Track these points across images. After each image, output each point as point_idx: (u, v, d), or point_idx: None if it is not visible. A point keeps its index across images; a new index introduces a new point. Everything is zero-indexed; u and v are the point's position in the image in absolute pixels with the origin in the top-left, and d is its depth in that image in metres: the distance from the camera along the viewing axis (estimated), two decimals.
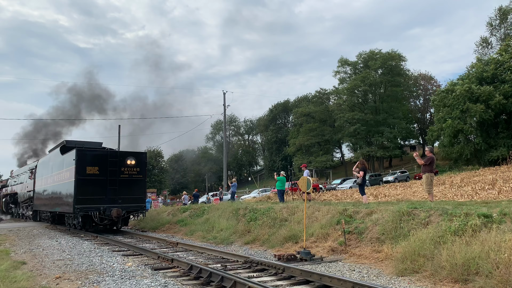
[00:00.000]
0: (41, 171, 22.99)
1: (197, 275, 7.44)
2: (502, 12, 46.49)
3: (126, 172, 16.71)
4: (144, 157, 17.73)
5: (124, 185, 16.56)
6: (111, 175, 16.38)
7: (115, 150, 17.13)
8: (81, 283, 7.08)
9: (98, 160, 16.27)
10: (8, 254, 10.61)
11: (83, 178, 15.84)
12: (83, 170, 15.85)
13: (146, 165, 17.60)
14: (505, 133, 36.00)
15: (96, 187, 16.04)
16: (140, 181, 17.14)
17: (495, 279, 5.93)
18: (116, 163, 16.55)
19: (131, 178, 16.79)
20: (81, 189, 15.74)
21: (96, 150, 17.47)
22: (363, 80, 53.97)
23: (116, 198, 16.31)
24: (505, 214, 7.71)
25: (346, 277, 6.81)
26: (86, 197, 15.76)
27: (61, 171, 18.06)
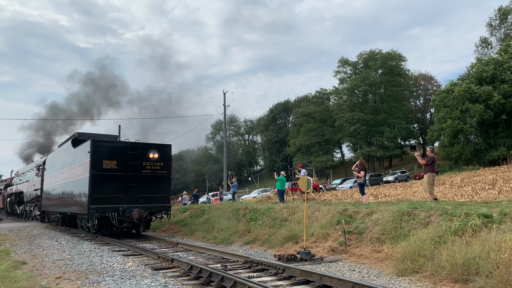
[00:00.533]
0: (50, 168, 21.04)
1: (197, 275, 7.44)
2: (502, 12, 46.49)
3: (148, 167, 14.68)
4: (168, 150, 15.45)
5: (146, 182, 14.59)
6: (132, 171, 14.30)
7: (136, 142, 14.74)
8: (81, 283, 7.08)
9: (116, 153, 14.21)
10: (8, 254, 10.61)
11: (99, 174, 13.78)
12: (99, 164, 13.80)
13: (171, 159, 15.46)
14: (505, 133, 36.00)
15: (114, 184, 14.06)
16: (164, 178, 15.10)
17: (495, 279, 5.93)
18: (137, 157, 14.46)
19: (154, 174, 14.77)
20: (97, 186, 13.74)
21: (114, 142, 15.32)
22: (363, 80, 53.98)
23: (137, 197, 14.32)
24: (505, 214, 7.71)
25: (346, 277, 6.81)
26: (102, 196, 13.77)
27: (73, 167, 16.10)
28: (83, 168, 14.54)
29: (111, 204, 13.89)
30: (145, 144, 15.09)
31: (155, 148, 15.01)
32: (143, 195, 14.46)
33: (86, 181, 13.91)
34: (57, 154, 20.38)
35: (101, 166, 13.86)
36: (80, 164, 14.94)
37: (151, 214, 14.96)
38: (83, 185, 14.37)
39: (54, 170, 19.89)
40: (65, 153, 18.32)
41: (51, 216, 21.05)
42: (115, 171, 14.06)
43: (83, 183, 14.37)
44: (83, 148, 14.84)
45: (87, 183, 13.83)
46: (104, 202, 13.80)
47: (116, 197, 14.03)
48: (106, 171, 13.91)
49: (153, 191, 14.77)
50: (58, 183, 18.64)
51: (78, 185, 15.10)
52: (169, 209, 15.11)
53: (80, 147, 15.31)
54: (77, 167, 15.45)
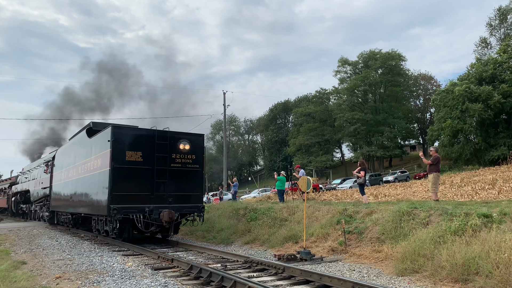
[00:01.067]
0: (60, 163, 18.85)
1: (197, 275, 7.44)
2: (502, 12, 46.52)
3: (178, 160, 12.59)
4: (201, 141, 13.40)
5: (176, 178, 12.49)
6: (159, 164, 12.21)
7: (164, 130, 12.65)
8: (81, 283, 7.08)
9: (141, 142, 12.11)
10: (8, 254, 10.61)
11: (121, 167, 11.64)
12: (121, 155, 11.69)
13: (203, 152, 13.46)
14: (505, 132, 36.02)
15: (139, 179, 11.96)
16: (197, 173, 12.96)
17: (495, 279, 5.94)
18: (165, 148, 12.37)
19: (185, 169, 12.68)
20: (119, 182, 11.58)
21: (138, 129, 13.04)
22: (363, 80, 54.02)
23: (166, 195, 12.27)
24: (505, 214, 7.72)
25: (346, 277, 6.82)
26: (125, 194, 11.63)
27: (88, 160, 13.97)
28: (101, 160, 12.39)
29: (136, 203, 11.72)
30: (175, 133, 12.87)
31: (186, 138, 12.89)
32: (172, 193, 12.38)
33: (106, 176, 11.75)
34: (69, 147, 18.15)
35: (124, 157, 11.70)
36: (98, 156, 12.80)
37: (181, 216, 12.73)
38: (101, 180, 12.28)
39: (65, 165, 17.74)
40: (78, 145, 16.22)
41: (61, 217, 19.07)
42: (140, 164, 11.91)
43: (101, 179, 12.28)
44: (101, 137, 12.73)
45: (106, 178, 11.68)
46: (127, 201, 11.63)
47: (141, 195, 11.92)
48: (129, 164, 11.76)
49: (184, 188, 12.66)
50: (69, 179, 16.55)
51: (94, 181, 13.04)
52: (202, 210, 12.88)
53: (98, 136, 13.23)
54: (93, 160, 13.30)
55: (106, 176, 11.71)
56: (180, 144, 12.63)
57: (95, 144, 13.41)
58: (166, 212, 11.67)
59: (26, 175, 28.10)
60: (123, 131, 12.12)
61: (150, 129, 12.66)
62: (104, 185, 11.92)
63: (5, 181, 38.08)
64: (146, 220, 11.82)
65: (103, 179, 12.07)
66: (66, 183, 16.96)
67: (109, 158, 11.61)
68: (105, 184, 11.81)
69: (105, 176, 11.85)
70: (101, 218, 12.89)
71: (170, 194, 12.33)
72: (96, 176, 12.80)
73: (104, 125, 14.62)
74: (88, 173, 13.73)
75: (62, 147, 20.48)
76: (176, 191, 12.47)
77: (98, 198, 12.51)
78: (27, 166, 30.49)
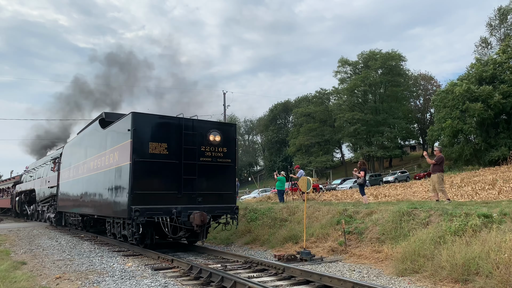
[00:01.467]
0: (68, 159, 17.31)
1: (197, 275, 7.44)
2: (502, 13, 46.54)
3: (208, 154, 11.04)
4: (233, 132, 11.84)
5: (205, 174, 10.96)
6: (187, 158, 10.64)
7: (192, 119, 11.20)
8: (81, 283, 7.08)
9: (166, 132, 10.53)
10: (8, 254, 10.61)
11: (143, 161, 10.04)
12: (143, 147, 10.11)
13: (236, 144, 11.88)
14: (506, 133, 36.03)
15: (165, 176, 10.39)
16: (229, 168, 11.43)
17: (495, 279, 5.94)
18: (194, 139, 10.83)
19: (216, 163, 11.14)
20: (141, 178, 10.00)
21: (162, 117, 11.03)
22: (363, 80, 54.05)
23: (195, 194, 10.69)
24: (505, 214, 7.72)
25: (346, 277, 6.82)
26: (148, 193, 10.08)
27: (102, 154, 12.37)
28: (119, 153, 10.81)
29: (161, 204, 10.13)
30: (204, 122, 11.49)
31: (216, 129, 11.35)
32: (202, 192, 10.82)
33: (125, 172, 10.16)
34: (78, 142, 16.46)
35: (147, 150, 10.13)
36: (115, 149, 11.21)
37: (213, 219, 11.26)
38: (119, 177, 10.68)
39: (73, 161, 16.16)
40: (89, 138, 14.58)
41: (69, 219, 17.53)
42: (166, 158, 10.35)
43: (119, 175, 10.66)
44: (119, 126, 11.16)
45: (126, 174, 10.08)
46: (151, 201, 10.05)
47: (167, 194, 10.35)
48: (153, 158, 10.18)
49: (215, 186, 11.12)
50: (79, 177, 14.97)
51: (110, 178, 11.41)
52: (236, 212, 11.26)
53: (115, 125, 11.65)
54: (109, 153, 11.73)
55: (126, 172, 10.08)
56: (210, 135, 11.05)
57: (111, 136, 11.82)
58: (198, 214, 9.98)
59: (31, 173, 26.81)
60: (146, 119, 10.44)
61: (176, 117, 10.95)
62: (123, 182, 10.34)
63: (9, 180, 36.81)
64: (174, 224, 10.08)
65: (121, 175, 10.46)
66: (76, 181, 15.45)
67: (129, 151, 9.95)
68: (124, 182, 10.22)
69: (124, 172, 10.26)
70: (118, 220, 11.30)
71: (200, 193, 10.74)
72: (113, 172, 11.19)
73: (118, 115, 13.15)
74: (102, 169, 12.18)
75: (70, 142, 18.63)
76: (206, 189, 10.90)
77: (116, 198, 10.87)
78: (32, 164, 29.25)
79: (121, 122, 11.01)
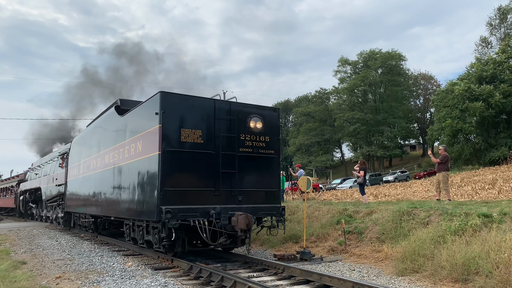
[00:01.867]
0: (77, 154, 15.75)
1: (197, 275, 7.44)
2: (502, 12, 46.53)
3: (248, 144, 9.34)
4: (276, 118, 10.07)
5: (246, 168, 9.21)
6: (225, 148, 8.95)
7: (229, 101, 9.52)
8: (81, 283, 7.08)
9: (201, 117, 8.82)
10: (8, 254, 10.61)
11: (175, 152, 8.34)
12: (174, 134, 8.42)
13: (279, 132, 10.27)
14: (506, 132, 36.04)
15: (199, 169, 8.63)
16: (272, 161, 9.64)
17: (495, 279, 5.94)
18: (232, 125, 9.14)
19: (258, 155, 9.41)
20: (172, 172, 8.31)
21: (196, 99, 9.10)
22: (363, 80, 54.10)
23: (235, 192, 8.99)
24: (505, 214, 7.73)
25: (346, 277, 6.82)
26: (181, 190, 8.36)
27: (120, 145, 10.67)
28: (143, 143, 9.11)
29: (195, 203, 8.42)
30: (243, 106, 9.57)
31: (258, 114, 9.57)
32: (243, 189, 9.11)
33: (152, 164, 8.44)
34: (89, 134, 14.75)
35: (178, 137, 8.44)
36: (137, 139, 9.47)
37: (257, 222, 9.47)
38: (144, 171, 8.96)
39: (84, 155, 14.45)
40: (103, 128, 12.84)
41: (79, 220, 15.86)
42: (200, 148, 8.65)
43: (144, 168, 8.93)
44: (143, 109, 9.48)
45: (154, 167, 8.37)
46: (184, 200, 8.34)
47: (203, 192, 8.62)
48: (185, 147, 8.49)
49: (257, 182, 9.41)
50: (91, 172, 13.29)
51: (131, 173, 9.72)
52: (283, 213, 9.41)
53: (137, 109, 9.90)
54: (128, 144, 10.02)
55: (153, 165, 8.39)
56: (250, 121, 9.37)
57: (132, 123, 10.19)
58: (243, 216, 8.21)
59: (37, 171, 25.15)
60: (177, 100, 8.70)
61: (211, 99, 9.19)
62: (148, 177, 8.67)
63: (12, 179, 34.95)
64: (213, 228, 8.33)
65: (147, 168, 8.77)
66: (86, 178, 13.88)
67: (157, 139, 8.27)
68: (150, 177, 8.55)
69: (150, 165, 8.57)
70: (139, 223, 9.65)
71: (240, 191, 9.04)
72: (135, 165, 9.49)
73: (134, 103, 11.43)
74: (120, 163, 10.49)
75: (79, 135, 16.95)
76: (247, 186, 9.20)
77: (139, 196, 9.17)
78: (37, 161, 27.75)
79: (147, 104, 9.26)
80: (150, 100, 9.08)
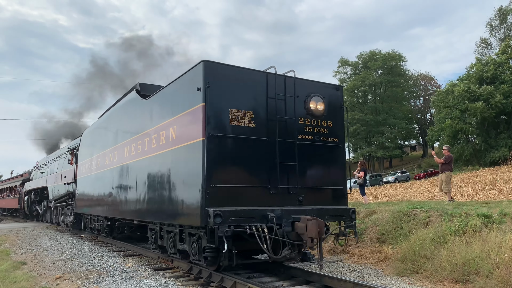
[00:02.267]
0: (89, 148, 14.18)
1: (197, 276, 7.44)
2: (502, 13, 46.55)
3: (308, 129, 7.61)
4: (339, 98, 8.22)
5: (307, 160, 7.50)
6: (283, 134, 7.23)
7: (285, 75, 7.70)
8: (81, 283, 7.08)
9: (252, 94, 7.14)
10: (8, 255, 10.62)
11: (223, 138, 6.71)
12: (222, 116, 6.79)
13: (343, 114, 8.30)
14: (506, 133, 36.06)
15: (251, 161, 6.93)
16: (337, 152, 7.96)
17: (495, 279, 5.94)
18: (288, 106, 7.42)
19: (320, 144, 7.70)
20: (220, 164, 6.64)
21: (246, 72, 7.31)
22: (363, 81, 54.15)
23: (294, 189, 7.22)
24: (505, 214, 7.73)
25: (346, 277, 6.82)
26: (230, 187, 6.67)
27: (145, 133, 8.86)
28: (178, 129, 7.36)
29: (248, 204, 6.67)
30: (301, 82, 7.72)
31: (319, 92, 7.80)
32: (304, 187, 7.30)
33: (193, 154, 6.73)
34: (103, 124, 12.98)
35: (226, 119, 6.76)
36: (168, 124, 7.74)
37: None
38: (180, 163, 7.24)
39: (98, 149, 12.84)
40: (123, 115, 11.03)
41: (92, 223, 14.04)
42: (253, 133, 6.95)
43: (181, 160, 7.21)
44: (179, 86, 7.66)
45: (195, 157, 6.61)
46: (234, 200, 6.62)
47: (256, 190, 6.86)
48: (235, 132, 6.80)
49: (321, 178, 7.64)
50: (106, 168, 11.65)
51: (161, 167, 7.96)
52: (353, 217, 7.53)
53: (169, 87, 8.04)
54: (156, 131, 8.24)
55: (194, 155, 6.62)
56: (311, 102, 7.63)
57: (160, 106, 8.46)
58: (313, 222, 6.35)
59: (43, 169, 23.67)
60: (224, 72, 6.90)
61: (263, 72, 7.38)
62: (188, 171, 6.88)
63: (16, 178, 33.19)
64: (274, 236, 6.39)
65: (184, 160, 7.06)
66: (100, 174, 12.20)
67: (201, 121, 6.49)
68: (191, 170, 6.76)
69: (189, 155, 6.83)
70: (170, 229, 7.90)
71: (302, 188, 7.25)
72: (166, 157, 7.75)
73: (156, 87, 9.61)
74: (146, 155, 8.73)
75: (91, 127, 15.13)
76: (309, 182, 7.42)
77: (174, 195, 7.39)
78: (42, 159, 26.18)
79: (184, 79, 7.44)
80: (188, 73, 7.25)
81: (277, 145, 7.06)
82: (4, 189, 36.64)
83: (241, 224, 6.33)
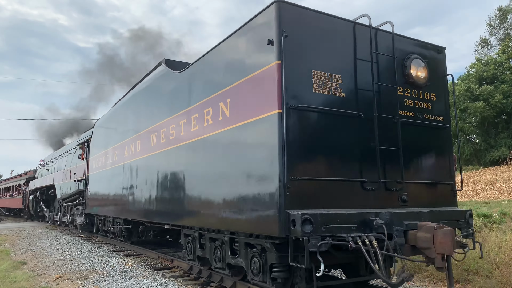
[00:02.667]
0: (104, 138, 12.44)
1: (197, 276, 7.43)
2: (502, 12, 46.55)
3: (409, 102, 5.60)
4: (442, 64, 6.29)
5: (410, 143, 5.43)
6: (382, 108, 5.24)
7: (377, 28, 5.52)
8: (81, 283, 7.08)
9: (338, 52, 5.12)
10: (8, 254, 10.62)
11: (306, 110, 4.70)
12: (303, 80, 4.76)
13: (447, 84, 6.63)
14: (506, 133, 36.09)
15: (339, 145, 4.90)
16: (442, 134, 5.97)
17: (495, 279, 5.94)
18: (385, 71, 5.43)
19: (424, 122, 5.71)
20: (303, 149, 4.62)
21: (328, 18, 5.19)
22: None
23: (396, 185, 5.22)
24: (505, 214, 7.73)
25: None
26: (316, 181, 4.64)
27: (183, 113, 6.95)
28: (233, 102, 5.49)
29: (340, 205, 4.75)
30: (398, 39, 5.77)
31: (420, 54, 5.89)
32: (409, 182, 5.39)
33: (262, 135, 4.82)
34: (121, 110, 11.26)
35: (308, 86, 4.81)
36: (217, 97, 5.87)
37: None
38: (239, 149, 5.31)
39: (115, 139, 11.10)
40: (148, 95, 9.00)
41: (107, 225, 12.70)
42: (341, 106, 5.01)
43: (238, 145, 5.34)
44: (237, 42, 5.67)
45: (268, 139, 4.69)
46: (322, 199, 4.66)
47: (347, 184, 4.92)
48: (320, 103, 4.85)
49: (426, 169, 5.70)
50: (127, 161, 9.88)
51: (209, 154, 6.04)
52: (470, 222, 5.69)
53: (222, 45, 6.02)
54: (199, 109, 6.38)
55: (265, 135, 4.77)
56: (411, 65, 5.65)
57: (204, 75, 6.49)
58: (445, 232, 4.47)
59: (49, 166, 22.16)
60: (304, 18, 4.97)
61: (351, 21, 5.43)
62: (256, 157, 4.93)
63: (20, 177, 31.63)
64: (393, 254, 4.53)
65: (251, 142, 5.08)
66: (118, 169, 10.47)
67: (276, 86, 4.59)
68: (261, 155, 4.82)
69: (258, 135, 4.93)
70: (217, 236, 6.19)
71: (406, 183, 5.33)
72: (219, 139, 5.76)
73: (183, 64, 7.95)
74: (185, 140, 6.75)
75: (105, 116, 13.17)
76: (415, 175, 5.52)
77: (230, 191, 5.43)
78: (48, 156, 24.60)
79: (245, 30, 5.48)
80: (255, 19, 5.22)
81: (376, 122, 5.11)
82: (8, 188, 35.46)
83: (339, 235, 4.38)
